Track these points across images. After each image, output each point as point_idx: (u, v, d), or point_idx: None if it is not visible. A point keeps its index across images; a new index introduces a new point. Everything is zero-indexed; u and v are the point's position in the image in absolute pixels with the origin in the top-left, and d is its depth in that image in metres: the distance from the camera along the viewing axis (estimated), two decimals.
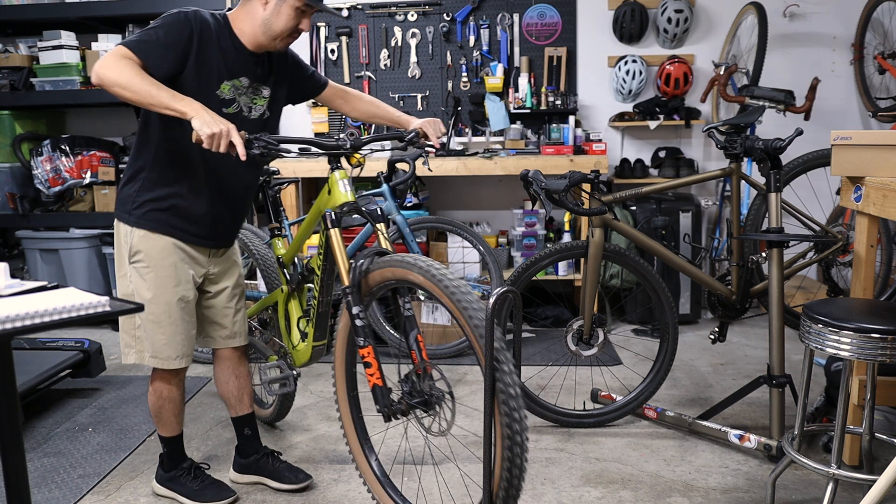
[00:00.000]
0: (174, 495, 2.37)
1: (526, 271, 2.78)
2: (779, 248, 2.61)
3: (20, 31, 4.71)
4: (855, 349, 1.86)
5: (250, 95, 2.18)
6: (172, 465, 2.39)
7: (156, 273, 2.16)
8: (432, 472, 2.51)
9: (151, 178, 2.13)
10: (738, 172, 2.86)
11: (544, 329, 4.25)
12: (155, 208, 2.14)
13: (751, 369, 3.45)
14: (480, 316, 1.76)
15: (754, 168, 3.85)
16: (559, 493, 2.36)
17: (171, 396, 2.30)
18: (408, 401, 1.97)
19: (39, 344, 3.33)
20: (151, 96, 1.88)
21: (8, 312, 1.18)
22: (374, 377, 2.00)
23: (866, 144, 2.25)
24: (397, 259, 1.96)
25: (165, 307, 2.17)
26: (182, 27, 2.00)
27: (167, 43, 1.97)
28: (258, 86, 2.20)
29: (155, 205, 2.14)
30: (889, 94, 4.35)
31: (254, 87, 2.18)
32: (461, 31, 4.67)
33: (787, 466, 2.19)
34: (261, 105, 2.22)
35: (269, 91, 2.23)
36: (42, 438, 2.86)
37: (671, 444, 2.70)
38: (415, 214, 4.04)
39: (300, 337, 2.55)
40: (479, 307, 1.77)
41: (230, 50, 2.10)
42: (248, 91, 2.17)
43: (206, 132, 1.84)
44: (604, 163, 4.13)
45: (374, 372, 2.00)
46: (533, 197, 2.66)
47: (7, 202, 4.37)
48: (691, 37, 4.60)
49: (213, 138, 1.85)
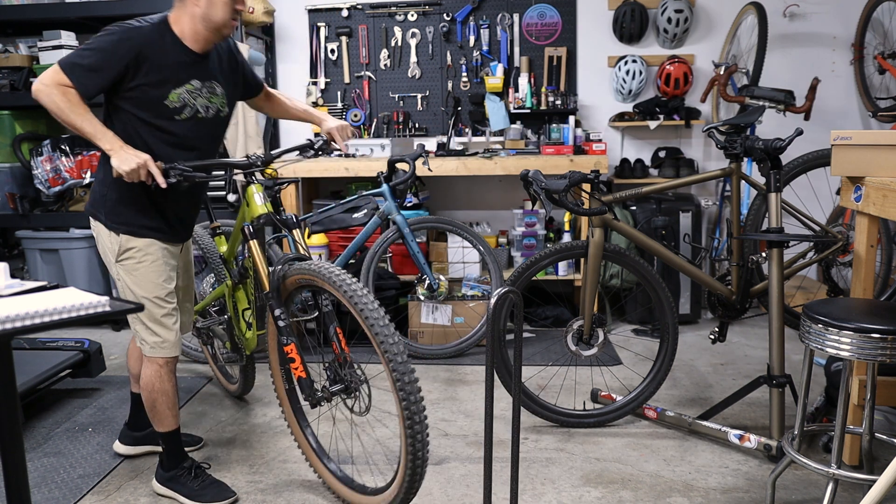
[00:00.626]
0: (174, 495, 2.37)
1: (526, 271, 2.78)
2: (779, 248, 2.61)
3: (20, 31, 4.71)
4: (855, 349, 1.86)
5: (206, 95, 2.25)
6: (173, 464, 2.39)
7: (145, 268, 2.26)
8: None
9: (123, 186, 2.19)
10: (738, 172, 2.86)
11: (544, 329, 4.25)
12: (136, 213, 2.25)
13: (751, 369, 3.45)
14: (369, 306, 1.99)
15: (754, 168, 3.86)
16: (559, 493, 2.36)
17: (164, 389, 2.34)
18: (329, 388, 2.21)
19: (39, 344, 3.33)
20: (76, 127, 2.06)
21: (8, 312, 1.18)
22: (299, 371, 2.22)
23: (866, 144, 2.25)
24: (306, 267, 2.17)
25: (155, 300, 2.28)
26: (120, 49, 2.08)
27: (98, 67, 2.07)
28: (211, 84, 2.27)
29: (136, 211, 2.24)
30: (889, 94, 4.35)
31: (207, 86, 2.26)
32: (461, 31, 4.67)
33: (787, 466, 2.19)
34: (217, 103, 2.30)
35: (221, 88, 2.31)
36: (42, 438, 2.86)
37: (671, 444, 2.70)
38: (415, 214, 4.05)
39: (247, 326, 2.74)
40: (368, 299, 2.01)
41: (175, 56, 2.17)
42: (204, 91, 2.25)
43: (124, 169, 2.03)
44: (604, 163, 4.13)
45: (297, 366, 2.23)
46: (533, 197, 2.66)
47: (7, 202, 4.37)
48: (691, 37, 4.60)
49: (131, 174, 2.04)
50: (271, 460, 2.64)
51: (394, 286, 4.01)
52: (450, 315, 3.87)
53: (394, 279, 4.06)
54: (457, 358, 3.76)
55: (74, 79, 2.05)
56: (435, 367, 3.64)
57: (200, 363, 3.65)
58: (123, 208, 2.23)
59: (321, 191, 4.79)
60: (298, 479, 2.50)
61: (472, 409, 3.07)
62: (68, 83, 2.04)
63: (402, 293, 4.05)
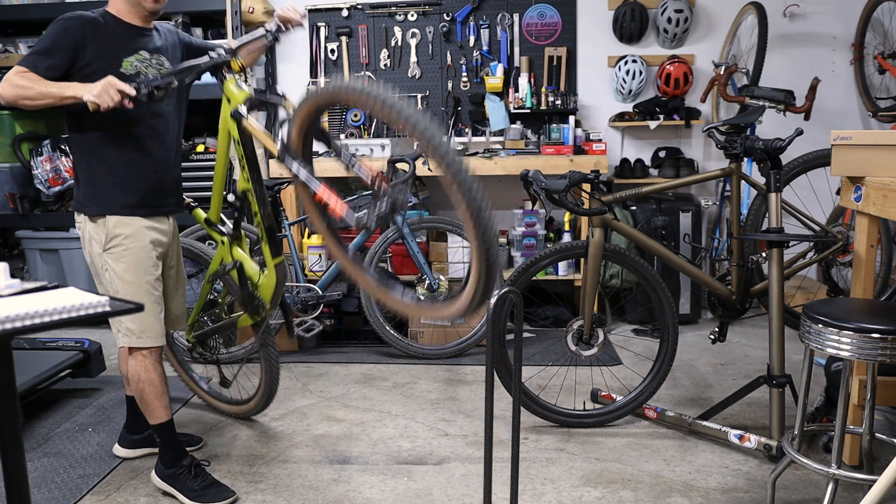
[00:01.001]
0: (175, 492, 2.38)
1: (526, 271, 2.78)
2: (779, 248, 2.61)
3: (20, 31, 4.70)
4: (855, 349, 1.86)
5: (155, 67, 2.35)
6: (173, 460, 2.40)
7: (134, 255, 2.31)
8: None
9: (101, 167, 2.30)
10: (738, 172, 2.86)
11: (544, 329, 4.25)
12: (117, 191, 2.30)
13: (751, 369, 3.45)
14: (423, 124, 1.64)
15: (754, 168, 3.85)
16: (559, 493, 2.36)
17: (150, 378, 2.36)
18: None
19: (39, 344, 3.33)
20: (45, 95, 2.13)
21: (8, 312, 1.18)
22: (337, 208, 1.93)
23: (866, 144, 2.25)
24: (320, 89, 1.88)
25: (145, 287, 2.32)
26: (66, 32, 2.19)
27: (52, 49, 2.18)
28: (159, 57, 2.38)
29: (115, 188, 2.30)
30: (889, 94, 4.35)
31: (156, 58, 2.36)
32: (461, 31, 4.66)
33: (787, 466, 2.19)
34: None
35: (168, 63, 2.40)
36: (42, 438, 2.86)
37: (671, 444, 2.70)
38: (415, 214, 4.04)
39: (259, 269, 2.56)
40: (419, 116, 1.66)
41: (120, 30, 2.29)
42: (153, 62, 2.35)
43: (93, 95, 2.06)
44: (604, 163, 4.13)
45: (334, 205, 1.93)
46: (533, 197, 2.67)
47: (7, 202, 4.37)
48: (691, 37, 4.60)
49: (101, 95, 2.06)
50: (271, 460, 2.64)
51: None
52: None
53: (394, 279, 4.06)
54: (457, 358, 3.76)
55: (28, 63, 2.16)
56: (435, 367, 3.64)
57: (200, 363, 3.65)
58: (107, 190, 2.30)
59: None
60: (298, 479, 2.50)
61: (472, 409, 3.07)
62: (23, 69, 2.15)
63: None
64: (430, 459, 2.62)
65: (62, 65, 2.19)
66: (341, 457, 2.66)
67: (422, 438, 2.80)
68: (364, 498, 2.36)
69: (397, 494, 2.37)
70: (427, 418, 2.99)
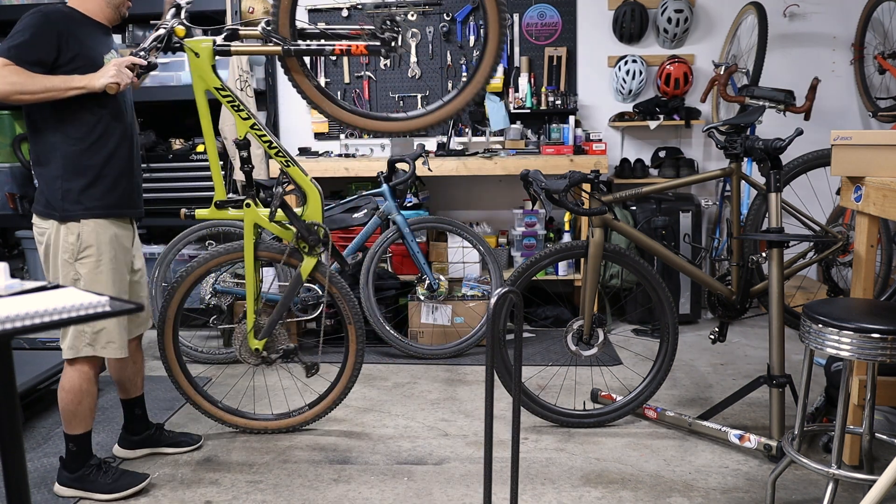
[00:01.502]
0: (86, 494, 2.35)
1: (526, 271, 2.78)
2: (779, 248, 2.61)
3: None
4: (855, 349, 1.86)
5: None
6: (79, 464, 2.37)
7: (110, 265, 2.30)
8: None
9: (74, 169, 2.26)
10: (738, 172, 2.86)
11: (544, 329, 4.25)
12: (92, 193, 2.28)
13: (751, 369, 3.45)
14: None
15: (754, 168, 3.85)
16: (559, 493, 2.36)
17: (92, 391, 2.36)
18: None
19: (39, 344, 3.33)
20: (48, 89, 2.13)
21: (8, 312, 1.18)
22: None
23: (866, 144, 2.25)
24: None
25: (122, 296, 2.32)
26: (49, 25, 2.18)
27: (35, 43, 2.15)
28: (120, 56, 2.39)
29: (91, 189, 2.28)
30: (889, 94, 4.35)
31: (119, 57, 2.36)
32: (461, 31, 4.66)
33: (787, 466, 2.19)
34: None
35: None
36: (42, 438, 2.86)
37: (671, 444, 2.70)
38: (415, 214, 4.04)
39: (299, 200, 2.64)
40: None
41: (93, 28, 2.32)
42: None
43: (110, 78, 2.13)
44: (604, 163, 4.13)
45: None
46: (533, 197, 2.66)
47: (7, 202, 4.37)
48: (691, 37, 4.60)
49: (119, 75, 2.14)
50: (271, 460, 2.64)
51: (394, 286, 4.01)
52: (450, 315, 3.87)
53: (394, 279, 4.06)
54: (457, 358, 3.76)
55: (12, 56, 2.12)
56: (435, 367, 3.64)
57: (199, 363, 3.65)
58: (88, 192, 2.28)
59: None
60: (298, 479, 2.50)
61: (472, 409, 3.07)
62: (8, 62, 2.12)
63: (402, 293, 4.05)
64: (430, 459, 2.62)
65: (48, 60, 2.17)
66: (341, 457, 2.65)
67: (422, 438, 2.80)
68: (364, 498, 2.35)
69: (397, 494, 2.37)
70: (427, 418, 2.99)
